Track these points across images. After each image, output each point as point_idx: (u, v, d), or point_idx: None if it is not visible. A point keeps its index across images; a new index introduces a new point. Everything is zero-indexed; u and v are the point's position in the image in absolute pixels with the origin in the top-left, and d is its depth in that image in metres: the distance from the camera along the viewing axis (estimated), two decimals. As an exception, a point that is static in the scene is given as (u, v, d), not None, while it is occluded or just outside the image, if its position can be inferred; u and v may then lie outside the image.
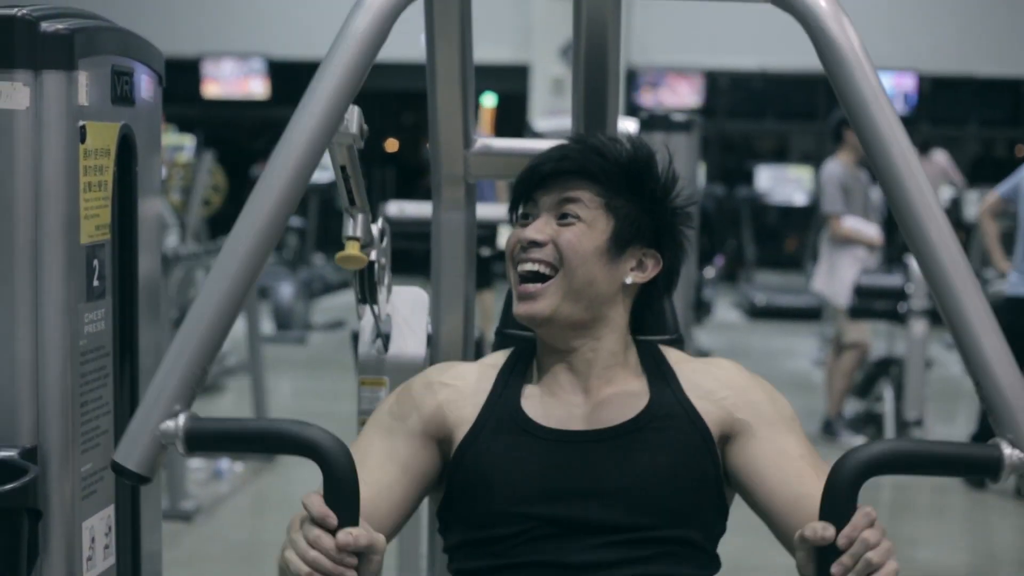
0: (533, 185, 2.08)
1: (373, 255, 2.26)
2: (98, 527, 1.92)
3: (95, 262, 1.88)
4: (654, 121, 5.00)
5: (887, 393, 7.63)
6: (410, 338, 2.40)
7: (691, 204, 2.13)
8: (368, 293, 2.30)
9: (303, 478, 1.72)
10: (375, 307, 2.33)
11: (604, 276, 2.06)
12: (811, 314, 11.86)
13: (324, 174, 13.53)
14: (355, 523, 1.65)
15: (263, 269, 1.70)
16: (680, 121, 4.95)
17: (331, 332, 11.61)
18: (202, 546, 5.69)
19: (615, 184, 2.07)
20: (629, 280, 2.08)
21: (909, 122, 14.21)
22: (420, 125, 18.09)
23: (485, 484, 2.01)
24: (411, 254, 4.14)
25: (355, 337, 3.69)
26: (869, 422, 7.72)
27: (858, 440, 7.33)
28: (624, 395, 2.07)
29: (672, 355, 2.16)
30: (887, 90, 1.74)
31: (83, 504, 1.86)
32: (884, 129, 1.71)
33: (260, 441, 1.71)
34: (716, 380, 2.11)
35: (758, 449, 2.04)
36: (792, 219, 15.74)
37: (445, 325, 2.41)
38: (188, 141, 11.07)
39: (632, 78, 14.98)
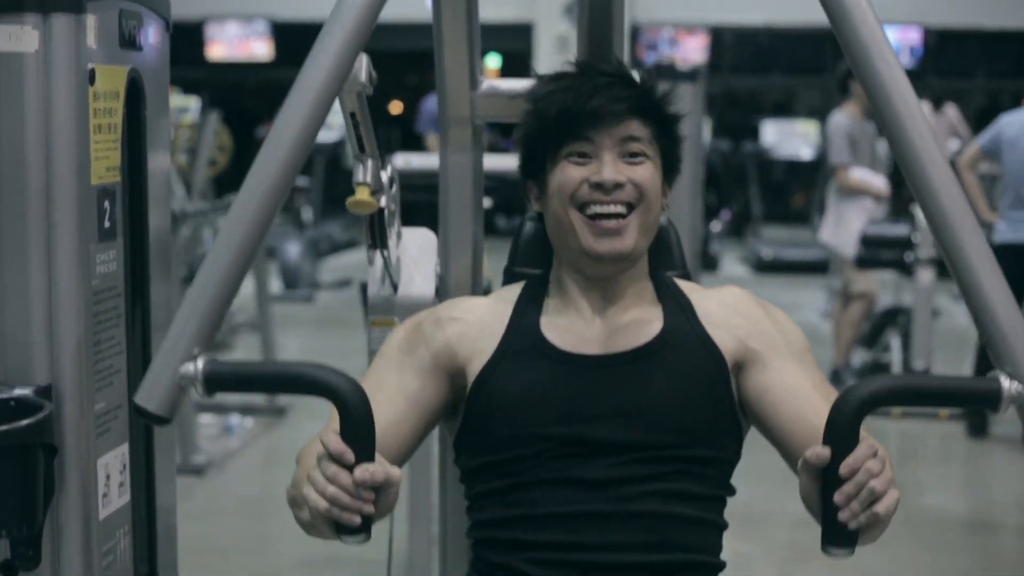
0: (591, 125, 2.07)
1: (383, 201, 2.28)
2: (113, 465, 1.94)
3: (106, 203, 1.90)
4: (660, 71, 5.01)
5: (894, 343, 7.66)
6: (419, 279, 2.43)
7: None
8: (378, 239, 2.32)
9: (312, 432, 1.75)
10: (385, 252, 2.36)
11: (660, 209, 2.12)
12: (818, 267, 11.89)
13: (330, 133, 13.46)
14: (371, 459, 1.68)
15: (278, 213, 1.74)
16: (685, 71, 4.95)
17: (338, 291, 11.63)
18: (214, 500, 5.74)
19: (655, 117, 2.12)
20: (664, 209, 2.16)
21: (915, 75, 14.20)
22: (424, 86, 18.04)
23: (506, 409, 2.06)
24: (418, 205, 4.16)
25: (364, 289, 3.70)
26: (877, 372, 7.75)
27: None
28: (640, 321, 2.12)
29: (685, 285, 2.21)
30: (892, 43, 1.75)
31: (98, 442, 1.89)
32: (881, 67, 1.72)
33: (278, 383, 1.76)
34: (729, 308, 2.16)
35: (771, 380, 2.08)
36: (798, 173, 15.71)
37: (453, 266, 2.44)
38: (193, 103, 11.07)
39: (636, 35, 14.93)
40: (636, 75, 2.15)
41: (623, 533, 2.01)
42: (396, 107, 19.78)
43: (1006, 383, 1.68)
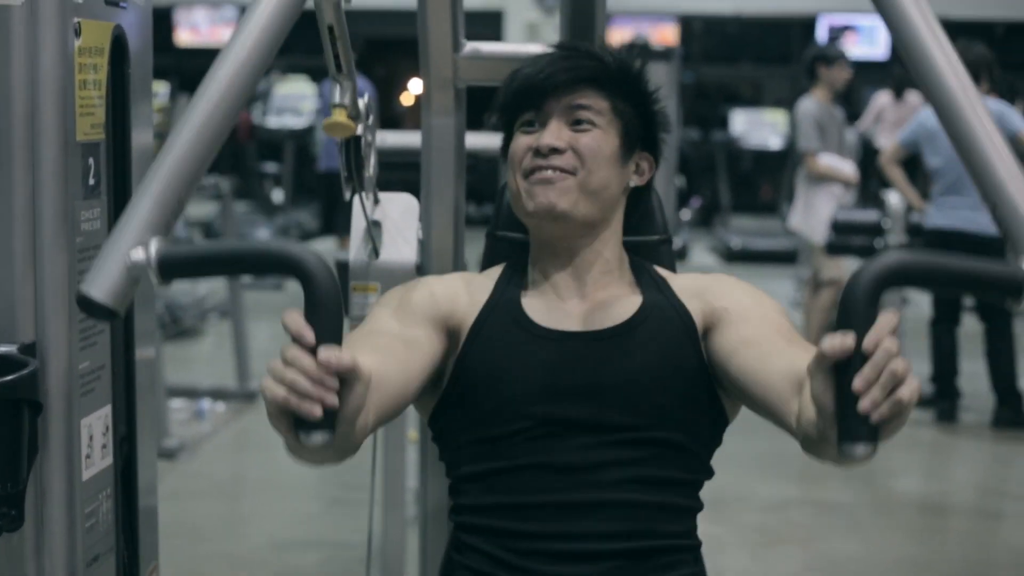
0: (540, 94, 2.09)
1: (359, 130, 2.22)
2: (96, 426, 1.93)
3: (90, 160, 1.88)
4: (632, 50, 5.01)
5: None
6: (401, 244, 2.41)
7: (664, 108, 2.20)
8: (354, 169, 2.26)
9: None
10: (360, 185, 2.29)
11: (616, 180, 2.11)
12: (787, 257, 11.95)
13: (299, 119, 13.38)
14: (338, 343, 1.49)
15: (251, 94, 1.65)
16: (659, 51, 4.95)
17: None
18: (186, 483, 5.72)
19: (618, 89, 2.11)
20: (632, 183, 2.16)
21: (885, 66, 14.27)
22: (395, 76, 17.99)
23: (488, 380, 2.05)
24: (393, 184, 4.14)
25: (339, 267, 3.69)
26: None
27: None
28: (619, 299, 2.12)
29: (664, 272, 2.21)
30: (864, 31, 1.71)
31: (82, 401, 1.87)
32: None
33: (237, 262, 1.60)
34: (705, 279, 2.17)
35: (736, 333, 2.03)
36: (767, 163, 15.76)
37: (436, 230, 2.42)
38: (162, 88, 11.04)
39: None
40: (610, 50, 2.15)
41: (600, 522, 2.01)
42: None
43: None
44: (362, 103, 2.21)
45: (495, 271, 2.20)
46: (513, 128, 2.14)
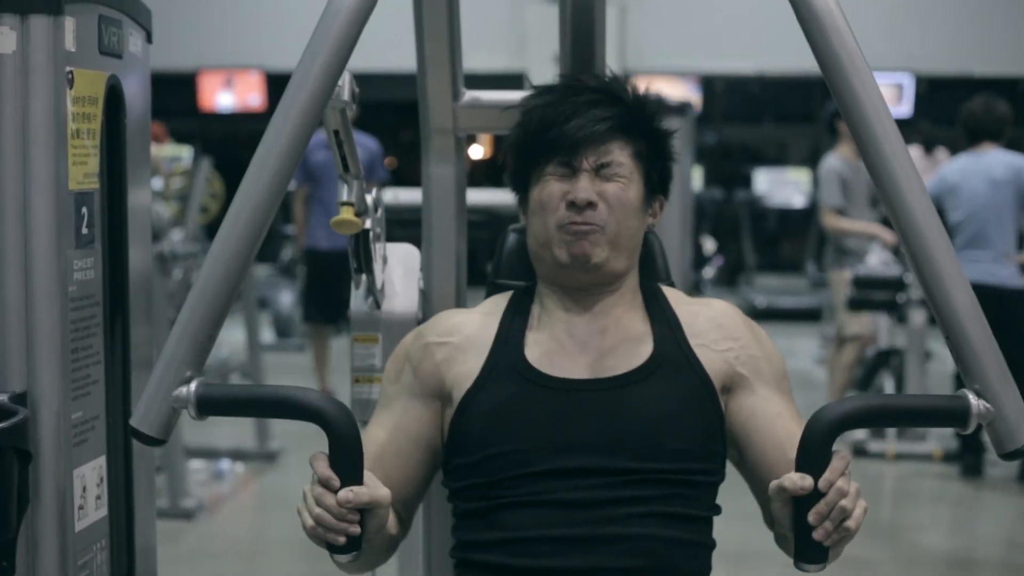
0: (573, 146, 2.06)
1: (367, 224, 2.26)
2: (90, 476, 1.91)
3: (84, 209, 1.88)
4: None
5: (888, 384, 7.62)
6: (402, 294, 2.40)
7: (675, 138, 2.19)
8: (363, 261, 2.30)
9: (303, 477, 1.74)
10: (371, 277, 2.33)
11: (639, 226, 2.12)
12: (811, 315, 11.91)
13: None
14: (359, 481, 1.77)
15: (266, 233, 1.75)
16: (674, 105, 4.95)
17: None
18: (204, 543, 5.69)
19: (639, 132, 2.10)
20: (649, 224, 2.15)
21: (910, 123, 14.25)
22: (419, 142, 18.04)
23: (489, 433, 2.02)
24: (408, 240, 4.13)
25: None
26: (870, 415, 7.69)
27: (859, 433, 7.32)
28: (629, 342, 2.09)
29: (671, 295, 2.19)
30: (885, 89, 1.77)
31: (74, 451, 1.86)
32: (868, 108, 1.75)
33: (267, 407, 1.84)
34: (718, 328, 2.13)
35: (755, 407, 2.07)
36: (791, 221, 15.73)
37: (437, 279, 2.41)
38: (185, 152, 11.10)
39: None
40: (625, 87, 2.13)
41: (609, 557, 1.97)
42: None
43: (974, 401, 1.73)
44: (370, 199, 2.28)
45: (499, 305, 2.16)
46: (531, 168, 2.10)
